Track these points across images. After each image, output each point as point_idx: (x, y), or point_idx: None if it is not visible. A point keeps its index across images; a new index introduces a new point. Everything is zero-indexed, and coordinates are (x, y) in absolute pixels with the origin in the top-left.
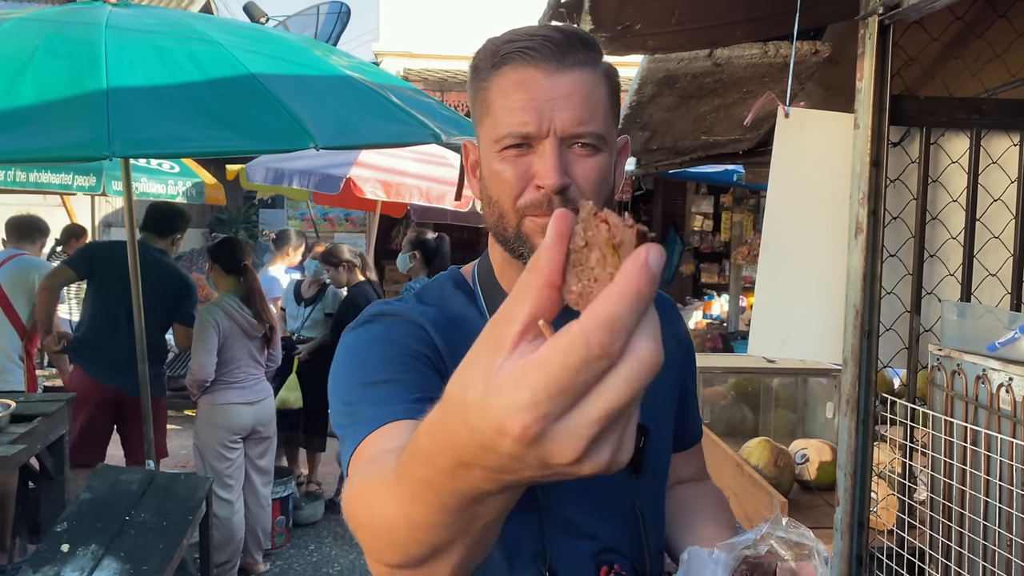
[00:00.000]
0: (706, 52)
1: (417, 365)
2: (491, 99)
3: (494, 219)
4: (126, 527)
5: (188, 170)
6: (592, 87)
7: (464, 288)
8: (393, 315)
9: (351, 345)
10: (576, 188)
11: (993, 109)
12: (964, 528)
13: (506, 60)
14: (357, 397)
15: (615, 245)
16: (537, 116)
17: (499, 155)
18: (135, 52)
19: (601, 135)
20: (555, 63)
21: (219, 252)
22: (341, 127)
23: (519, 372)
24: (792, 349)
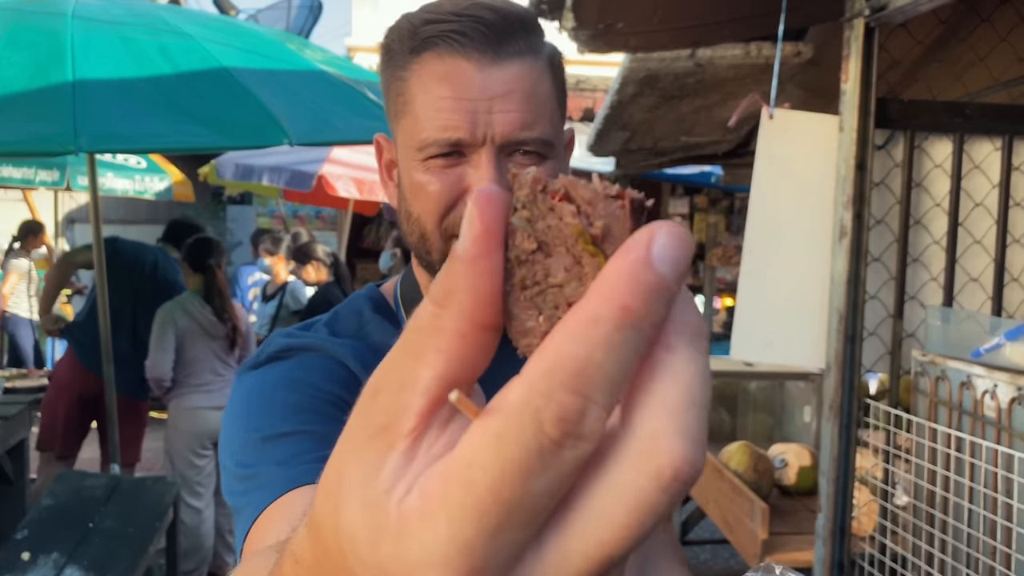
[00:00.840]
0: (688, 52)
1: (332, 412)
2: (410, 93)
3: (415, 239)
4: (90, 535)
5: (156, 166)
6: (536, 81)
7: (386, 312)
8: (303, 349)
9: (250, 389)
10: None
11: (976, 113)
12: (947, 535)
13: (428, 45)
14: (255, 455)
15: (595, 236)
16: (470, 120)
17: (422, 164)
18: (102, 43)
19: (547, 140)
20: (490, 52)
21: (189, 250)
22: (315, 123)
23: (430, 493)
24: (775, 353)
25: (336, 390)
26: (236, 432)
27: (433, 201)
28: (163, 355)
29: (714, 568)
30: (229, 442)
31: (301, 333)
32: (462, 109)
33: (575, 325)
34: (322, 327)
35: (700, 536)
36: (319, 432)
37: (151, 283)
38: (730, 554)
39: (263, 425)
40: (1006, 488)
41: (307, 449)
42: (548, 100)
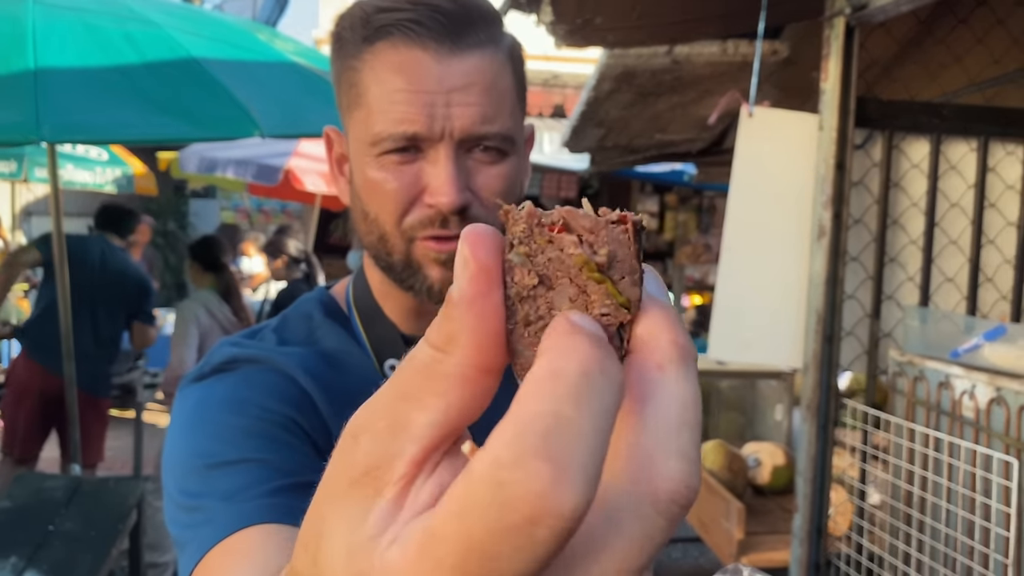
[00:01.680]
0: (665, 49)
1: (282, 436)
2: (363, 84)
3: (373, 240)
4: (50, 537)
5: (117, 158)
6: (496, 74)
7: (337, 316)
8: (250, 362)
9: (195, 405)
10: (479, 205)
11: (953, 114)
12: (924, 534)
13: (382, 34)
14: (199, 484)
15: (600, 264)
16: (427, 114)
17: (376, 160)
18: (65, 30)
19: (508, 136)
20: (448, 43)
21: (199, 249)
22: (287, 115)
23: (410, 550)
24: (752, 353)
25: (284, 409)
26: (180, 455)
27: (391, 201)
28: (188, 352)
29: (684, 566)
30: (172, 465)
31: (248, 342)
32: (419, 102)
33: (535, 382)
34: (270, 333)
35: None
36: (266, 460)
37: (102, 276)
38: (700, 552)
39: (208, 450)
40: (984, 488)
41: (253, 481)
42: (509, 94)
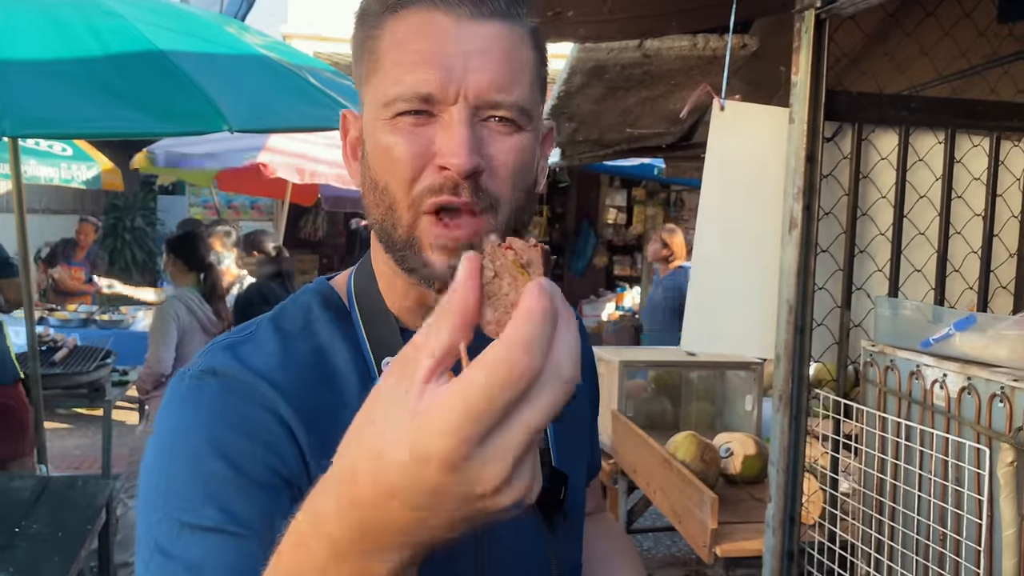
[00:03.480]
0: (636, 43)
1: (254, 493)
2: (381, 50)
3: (381, 212)
4: (16, 539)
5: (83, 153)
6: (516, 44)
7: (337, 309)
8: (228, 377)
9: (178, 419)
10: (490, 174)
11: (921, 107)
12: (896, 522)
13: (405, 1)
14: (171, 543)
15: (523, 265)
16: (443, 74)
17: (389, 124)
18: (27, 22)
19: (525, 108)
20: (470, 7)
21: (180, 247)
22: (257, 109)
23: (441, 399)
24: (724, 344)
25: (263, 455)
26: (157, 489)
27: (401, 166)
28: (166, 351)
29: (656, 556)
30: (149, 498)
31: (236, 346)
32: (435, 63)
33: (522, 317)
34: (267, 323)
35: (642, 524)
36: (238, 529)
37: None
38: (672, 541)
39: (185, 501)
40: (955, 476)
41: (220, 561)
42: (527, 68)
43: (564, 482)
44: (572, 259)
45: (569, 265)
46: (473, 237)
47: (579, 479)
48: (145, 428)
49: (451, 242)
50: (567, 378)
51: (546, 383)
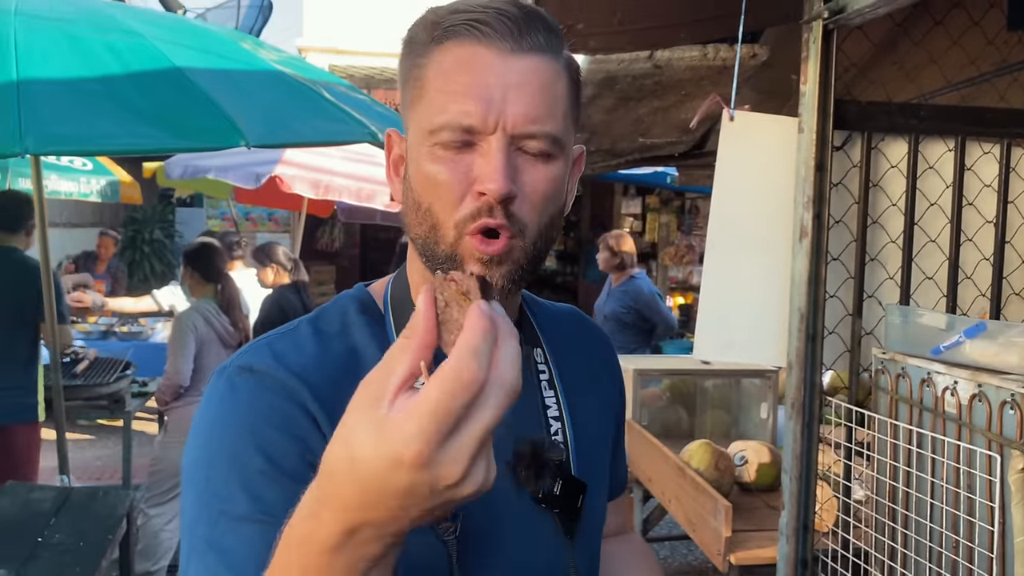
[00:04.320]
0: (647, 54)
1: (286, 484)
2: (427, 79)
3: (424, 230)
4: (39, 549)
5: (102, 167)
6: (552, 78)
7: (372, 312)
8: (263, 374)
9: (216, 414)
10: (521, 200)
11: (930, 115)
12: (909, 529)
13: (451, 33)
14: (209, 529)
15: (464, 293)
16: (484, 106)
17: (432, 151)
18: (48, 41)
19: (558, 138)
20: (511, 43)
21: (197, 258)
22: (273, 124)
23: (407, 410)
24: (737, 353)
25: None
26: (198, 479)
27: (444, 191)
28: (185, 363)
29: (672, 564)
30: (191, 488)
31: (275, 344)
32: (477, 95)
33: (467, 333)
34: (307, 324)
35: (658, 533)
36: (270, 518)
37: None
38: (688, 550)
39: (222, 490)
40: (967, 483)
41: (251, 550)
42: (562, 100)
43: (582, 491)
44: (587, 267)
45: (584, 273)
46: (502, 253)
47: (599, 489)
48: (164, 438)
49: (485, 255)
50: (510, 383)
51: (492, 388)
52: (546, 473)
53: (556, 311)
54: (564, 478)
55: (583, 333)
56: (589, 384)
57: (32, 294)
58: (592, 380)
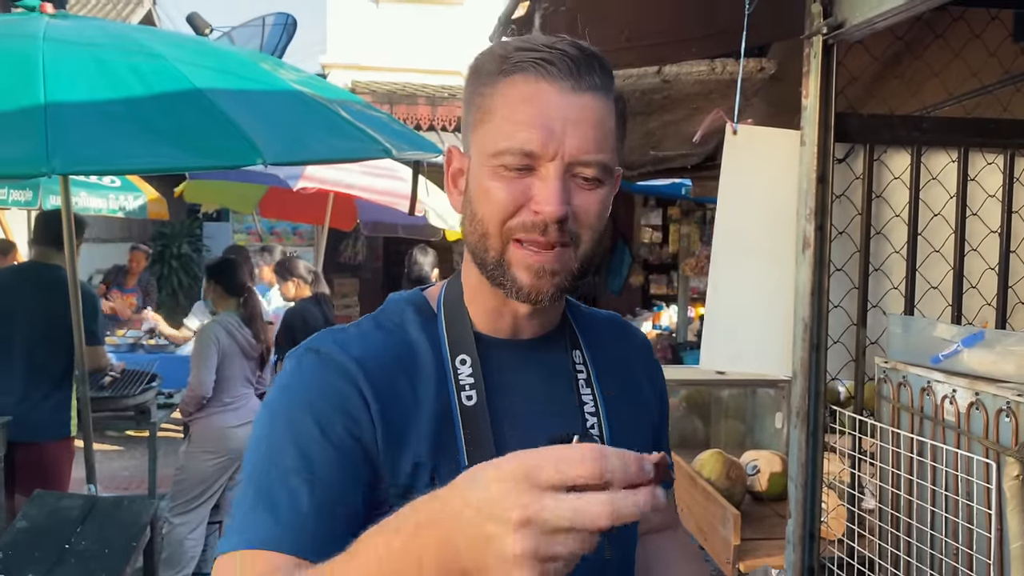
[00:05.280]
0: (655, 69)
1: (329, 448)
2: (493, 107)
3: (476, 238)
4: (65, 556)
5: (130, 184)
6: (605, 114)
7: (425, 312)
8: (324, 356)
9: (284, 385)
10: (575, 219)
11: (932, 127)
12: (912, 537)
13: (518, 68)
14: (266, 480)
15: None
16: (546, 136)
17: (493, 171)
18: (74, 66)
19: (607, 166)
20: (572, 81)
21: (220, 273)
22: (290, 142)
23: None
24: (743, 363)
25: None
26: (262, 434)
27: (499, 207)
28: (207, 374)
29: None
30: (256, 440)
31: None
32: (541, 125)
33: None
34: (370, 319)
35: None
36: (313, 477)
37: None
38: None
39: (279, 446)
40: (966, 490)
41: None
42: (612, 134)
43: None
44: (608, 278)
45: (606, 284)
46: (556, 262)
47: None
48: (188, 448)
49: (535, 264)
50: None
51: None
52: None
53: (598, 317)
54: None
55: (623, 339)
56: (626, 385)
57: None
58: (629, 382)
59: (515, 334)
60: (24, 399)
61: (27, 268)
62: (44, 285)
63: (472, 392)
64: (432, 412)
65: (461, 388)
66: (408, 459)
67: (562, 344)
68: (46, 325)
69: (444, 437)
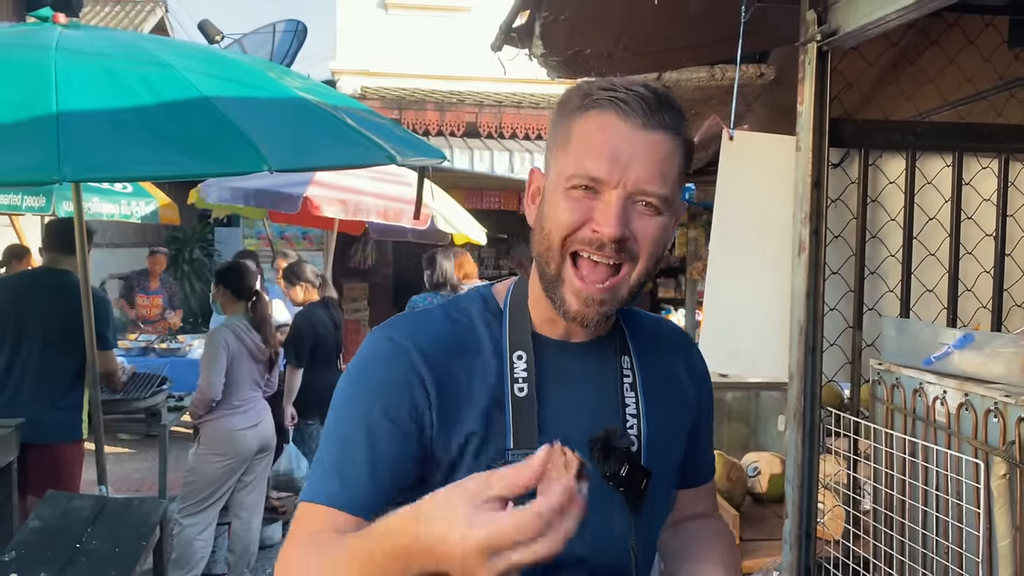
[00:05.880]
0: (655, 76)
1: (391, 427)
2: (572, 135)
3: (541, 249)
4: (77, 555)
5: (141, 190)
6: (670, 151)
7: (492, 309)
8: (395, 343)
9: (361, 367)
10: (634, 242)
11: (927, 132)
12: (904, 537)
13: (597, 104)
14: (338, 451)
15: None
16: (612, 165)
17: (566, 192)
18: (86, 75)
19: (667, 198)
20: (642, 119)
21: (228, 277)
22: (294, 149)
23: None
24: (740, 364)
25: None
26: (336, 408)
27: (565, 222)
28: (216, 377)
29: None
30: (332, 411)
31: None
32: (609, 156)
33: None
34: (441, 310)
35: None
36: (375, 455)
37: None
38: None
39: (347, 419)
40: (956, 490)
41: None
42: (674, 170)
43: (647, 477)
44: None
45: None
46: (605, 292)
47: (664, 483)
48: (198, 450)
49: (584, 293)
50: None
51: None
52: (614, 456)
53: (650, 321)
54: (631, 464)
55: (671, 342)
56: (670, 389)
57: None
58: (673, 385)
59: (568, 337)
60: (37, 402)
61: (38, 273)
62: (55, 290)
63: (524, 385)
64: (487, 398)
65: (515, 380)
66: (459, 436)
67: (612, 349)
68: (58, 329)
69: (494, 421)
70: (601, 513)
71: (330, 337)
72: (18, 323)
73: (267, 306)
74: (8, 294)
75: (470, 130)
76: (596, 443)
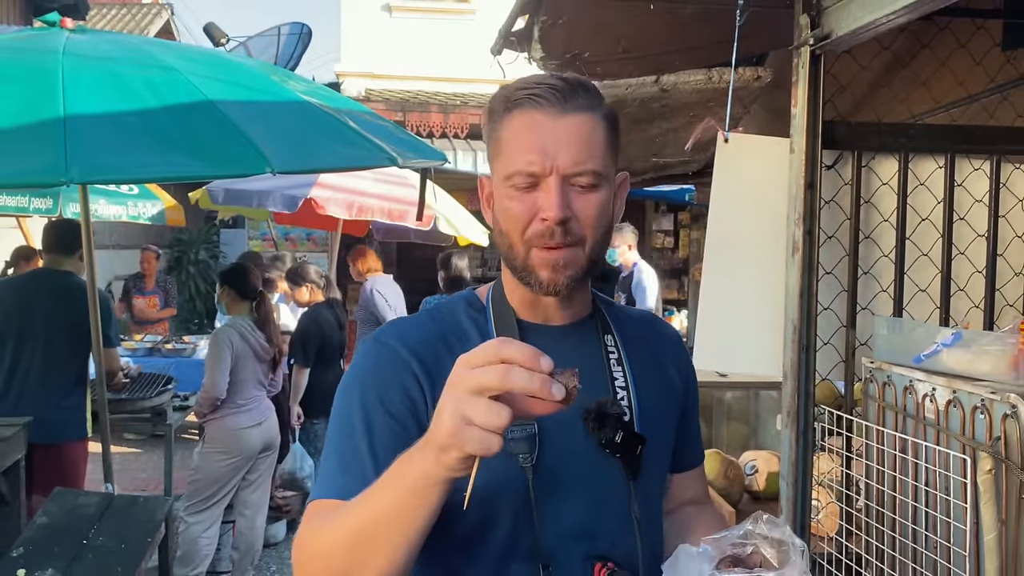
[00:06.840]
0: (653, 78)
1: (387, 417)
2: (502, 140)
3: (504, 248)
4: (84, 551)
5: (148, 192)
6: (592, 129)
7: (476, 306)
8: (384, 344)
9: (358, 367)
10: (577, 220)
11: (919, 134)
12: (896, 533)
13: (516, 105)
14: (341, 445)
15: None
16: (542, 156)
17: (508, 191)
18: (92, 79)
19: (599, 172)
20: (558, 107)
21: (232, 277)
22: (297, 151)
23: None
24: (735, 363)
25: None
26: (338, 403)
27: (516, 220)
28: (221, 376)
29: None
30: (335, 407)
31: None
32: (537, 149)
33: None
34: (426, 313)
35: None
36: (371, 440)
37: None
38: None
39: (347, 412)
40: (945, 485)
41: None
42: (601, 143)
43: (642, 443)
44: None
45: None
46: (566, 258)
47: (658, 449)
48: (203, 449)
49: (551, 259)
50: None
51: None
52: (608, 424)
53: (631, 312)
54: (625, 431)
55: (654, 332)
56: (655, 369)
57: (85, 317)
58: (658, 367)
59: (548, 320)
60: (43, 402)
61: (40, 274)
62: (57, 291)
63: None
64: None
65: None
66: None
67: (593, 328)
68: (60, 330)
69: None
70: (597, 481)
71: (335, 337)
72: (21, 325)
73: (271, 306)
74: (12, 296)
75: (474, 132)
76: (590, 414)
